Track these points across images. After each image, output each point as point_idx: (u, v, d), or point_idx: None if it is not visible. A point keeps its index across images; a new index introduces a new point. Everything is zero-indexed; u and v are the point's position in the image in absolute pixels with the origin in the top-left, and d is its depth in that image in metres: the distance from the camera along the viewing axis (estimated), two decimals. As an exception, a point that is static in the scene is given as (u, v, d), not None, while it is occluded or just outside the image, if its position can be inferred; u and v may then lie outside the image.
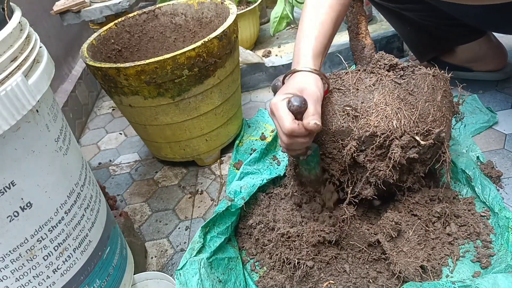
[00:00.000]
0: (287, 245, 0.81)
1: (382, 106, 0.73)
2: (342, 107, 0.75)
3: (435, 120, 0.74)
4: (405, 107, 0.73)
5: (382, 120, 0.72)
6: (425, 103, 0.74)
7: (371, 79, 0.77)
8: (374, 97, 0.74)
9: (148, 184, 1.19)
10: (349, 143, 0.74)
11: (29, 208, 0.55)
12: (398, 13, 1.16)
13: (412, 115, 0.73)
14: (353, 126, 0.73)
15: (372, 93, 0.74)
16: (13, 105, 0.49)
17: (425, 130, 0.73)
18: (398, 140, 0.72)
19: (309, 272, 0.78)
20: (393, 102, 0.73)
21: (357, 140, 0.73)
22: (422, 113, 0.74)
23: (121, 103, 1.07)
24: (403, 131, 0.72)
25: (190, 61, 0.97)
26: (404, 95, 0.74)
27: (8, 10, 0.56)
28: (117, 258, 0.73)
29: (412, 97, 0.74)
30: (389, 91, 0.74)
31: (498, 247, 0.76)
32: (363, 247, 0.79)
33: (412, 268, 0.73)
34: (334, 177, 0.80)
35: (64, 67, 1.60)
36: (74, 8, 1.36)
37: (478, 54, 1.16)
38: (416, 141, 0.73)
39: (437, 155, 0.77)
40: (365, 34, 0.88)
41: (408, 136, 0.72)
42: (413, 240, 0.77)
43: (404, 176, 0.78)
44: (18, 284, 0.56)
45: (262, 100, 1.42)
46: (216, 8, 1.20)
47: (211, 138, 1.15)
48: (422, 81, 0.76)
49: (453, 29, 1.12)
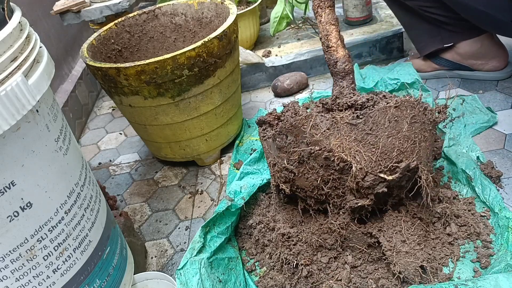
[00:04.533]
0: (286, 245, 0.81)
1: (339, 151, 0.70)
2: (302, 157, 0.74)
3: (402, 152, 0.71)
4: (364, 148, 0.70)
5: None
6: (388, 138, 0.70)
7: (327, 121, 0.72)
8: (331, 142, 0.71)
9: (148, 184, 1.19)
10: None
11: (29, 208, 0.55)
12: (401, 3, 1.16)
13: (373, 154, 0.70)
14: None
15: (328, 139, 0.71)
16: (13, 105, 0.49)
17: (390, 166, 0.71)
18: (362, 181, 0.71)
19: (309, 272, 0.78)
20: (350, 145, 0.70)
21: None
22: (385, 150, 0.70)
23: (121, 103, 1.07)
24: (365, 172, 0.70)
25: (190, 61, 0.97)
26: (362, 136, 0.70)
27: (8, 10, 0.56)
28: (117, 258, 0.73)
29: (371, 136, 0.70)
30: (345, 134, 0.71)
31: (498, 247, 0.76)
32: (362, 248, 0.79)
33: (412, 268, 0.73)
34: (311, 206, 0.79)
35: (64, 67, 1.60)
36: (74, 8, 1.36)
37: (479, 51, 1.16)
38: (382, 177, 0.71)
39: (414, 179, 0.74)
40: (336, 46, 0.81)
41: (372, 176, 0.71)
42: (413, 240, 0.77)
43: (382, 200, 0.77)
44: (18, 284, 0.56)
45: (262, 100, 1.42)
46: (216, 8, 1.20)
47: (211, 138, 1.15)
48: (382, 117, 0.70)
49: (455, 22, 1.12)
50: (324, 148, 0.71)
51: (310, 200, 0.78)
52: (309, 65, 1.45)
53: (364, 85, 1.23)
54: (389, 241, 0.77)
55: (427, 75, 1.27)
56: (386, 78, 1.23)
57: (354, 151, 0.70)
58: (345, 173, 0.72)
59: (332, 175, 0.72)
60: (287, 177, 0.76)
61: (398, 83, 1.21)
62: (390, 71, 1.26)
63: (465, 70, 1.21)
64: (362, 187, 0.72)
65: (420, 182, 0.73)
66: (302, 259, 0.79)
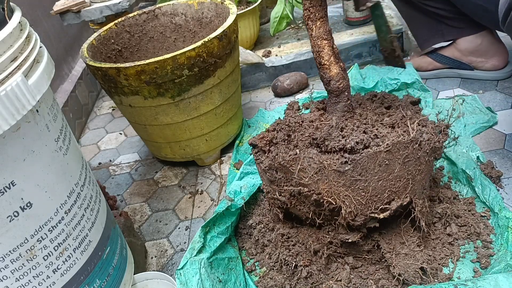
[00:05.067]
0: (286, 246, 0.81)
1: (327, 196, 0.69)
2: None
3: (393, 192, 0.70)
4: (354, 192, 0.68)
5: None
6: (378, 181, 0.68)
7: (315, 165, 0.69)
8: (319, 187, 0.69)
9: (148, 184, 1.19)
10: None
11: (29, 208, 0.55)
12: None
13: (363, 198, 0.69)
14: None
15: (316, 183, 0.69)
16: (13, 105, 0.49)
17: (382, 207, 0.70)
18: (353, 221, 0.71)
19: (308, 273, 0.78)
20: (339, 190, 0.68)
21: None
22: (375, 193, 0.69)
23: (121, 103, 1.07)
24: (355, 214, 0.70)
25: (190, 61, 0.97)
26: (351, 182, 0.68)
27: (8, 10, 0.56)
28: (117, 258, 0.73)
29: (360, 181, 0.68)
30: (334, 180, 0.68)
31: (498, 247, 0.76)
32: (363, 256, 0.78)
33: (411, 270, 0.73)
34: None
35: (64, 67, 1.60)
36: (74, 8, 1.36)
37: (479, 48, 1.16)
38: (373, 216, 0.71)
39: (407, 209, 0.74)
40: (329, 64, 0.75)
41: (362, 217, 0.70)
42: (412, 242, 0.77)
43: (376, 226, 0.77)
44: (18, 284, 0.56)
45: (262, 100, 1.42)
46: (216, 8, 1.20)
47: (211, 138, 1.15)
48: (372, 162, 0.67)
49: (456, 17, 1.13)
50: (313, 191, 0.70)
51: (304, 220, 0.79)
52: (309, 65, 1.45)
53: (364, 85, 1.24)
54: (389, 243, 0.77)
55: (427, 74, 1.27)
56: (386, 78, 1.23)
57: (343, 195, 0.69)
58: (336, 213, 0.72)
59: (324, 212, 0.72)
60: (280, 205, 0.76)
61: (398, 83, 1.21)
62: (390, 71, 1.26)
63: (465, 69, 1.21)
64: (353, 225, 0.72)
65: (414, 213, 0.72)
66: (301, 260, 0.78)
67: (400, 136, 0.69)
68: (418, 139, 0.69)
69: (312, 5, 0.74)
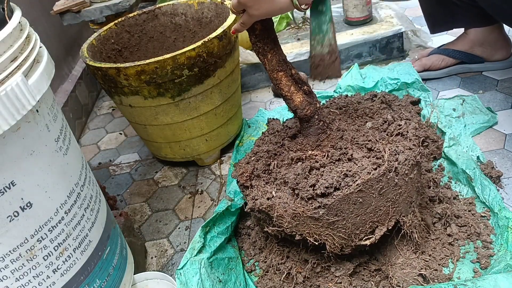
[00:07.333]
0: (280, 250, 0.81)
1: (309, 236, 0.70)
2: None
3: (375, 221, 0.69)
4: (334, 231, 0.68)
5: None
6: (356, 217, 0.68)
7: (291, 210, 0.69)
8: (299, 229, 0.70)
9: (148, 184, 1.19)
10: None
11: (29, 208, 0.55)
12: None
13: (345, 234, 0.69)
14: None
15: (296, 227, 0.70)
16: (13, 105, 0.49)
17: (365, 237, 0.70)
18: (341, 252, 0.71)
19: (305, 278, 0.77)
20: (319, 231, 0.69)
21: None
22: (356, 227, 0.69)
23: (121, 103, 1.07)
24: (341, 247, 0.70)
25: (190, 61, 0.97)
26: (329, 223, 0.68)
27: (8, 10, 0.56)
28: (117, 258, 0.73)
29: (338, 220, 0.67)
30: (311, 224, 0.68)
31: (498, 247, 0.76)
32: (360, 269, 0.78)
33: (410, 279, 0.73)
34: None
35: (64, 67, 1.60)
36: (74, 8, 1.36)
37: (489, 40, 1.19)
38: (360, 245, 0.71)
39: (396, 227, 0.74)
40: (291, 94, 0.73)
41: (349, 247, 0.71)
42: (407, 250, 0.76)
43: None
44: (18, 284, 0.56)
45: (262, 100, 1.42)
46: (216, 8, 1.20)
47: (211, 138, 1.15)
48: (345, 203, 0.66)
49: (469, 8, 1.14)
50: (295, 232, 0.70)
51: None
52: (309, 65, 1.45)
53: (364, 85, 1.24)
54: (384, 255, 0.76)
55: (439, 73, 1.27)
56: (386, 78, 1.23)
57: (324, 234, 0.69)
58: (323, 247, 0.72)
59: (312, 244, 0.72)
60: (270, 233, 0.77)
61: (398, 83, 1.21)
62: (390, 71, 1.26)
63: (476, 62, 1.23)
64: (342, 253, 0.72)
65: (404, 229, 0.72)
66: (294, 268, 0.78)
67: (372, 171, 0.67)
68: (392, 167, 0.67)
69: (258, 39, 0.73)
